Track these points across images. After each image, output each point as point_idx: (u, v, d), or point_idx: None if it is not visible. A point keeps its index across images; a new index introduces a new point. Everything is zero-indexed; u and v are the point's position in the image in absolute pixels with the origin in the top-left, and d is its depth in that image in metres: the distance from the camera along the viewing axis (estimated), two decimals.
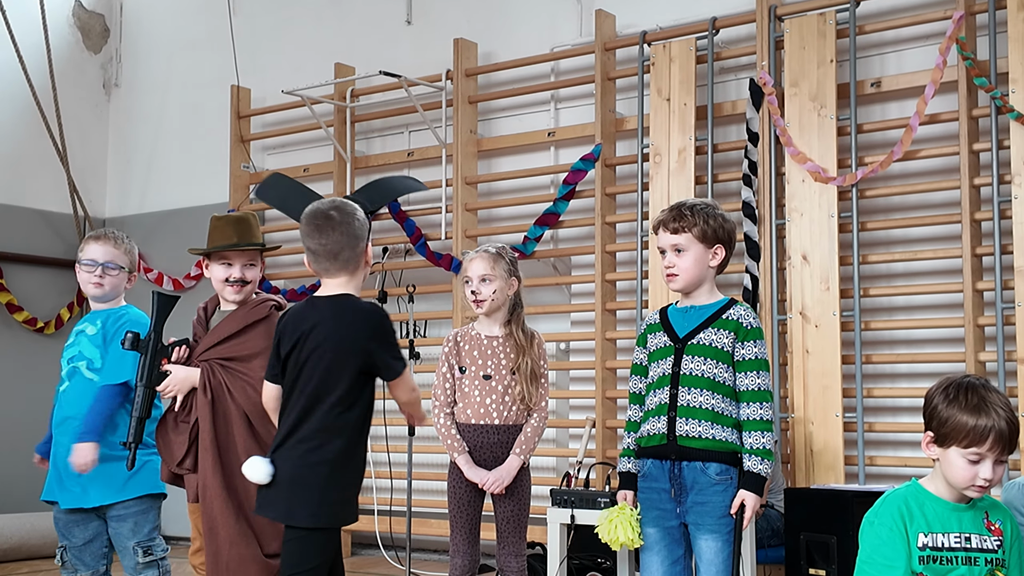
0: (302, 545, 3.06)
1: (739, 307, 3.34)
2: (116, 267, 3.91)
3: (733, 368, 3.29)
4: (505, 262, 3.99)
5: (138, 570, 3.78)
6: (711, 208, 3.36)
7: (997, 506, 2.67)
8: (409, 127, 7.23)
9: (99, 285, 3.90)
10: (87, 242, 3.98)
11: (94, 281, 3.90)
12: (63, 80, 8.15)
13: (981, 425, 2.51)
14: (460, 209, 6.71)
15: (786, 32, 5.73)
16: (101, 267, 3.89)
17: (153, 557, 3.80)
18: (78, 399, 3.82)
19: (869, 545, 2.61)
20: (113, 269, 3.90)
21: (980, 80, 5.20)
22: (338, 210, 3.17)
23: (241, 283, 3.77)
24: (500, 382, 3.93)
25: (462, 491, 3.95)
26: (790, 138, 5.62)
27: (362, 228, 3.19)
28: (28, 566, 6.86)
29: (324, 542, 3.10)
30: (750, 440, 3.24)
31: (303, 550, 3.05)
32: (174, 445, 3.67)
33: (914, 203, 5.60)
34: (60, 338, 8.11)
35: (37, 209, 8.21)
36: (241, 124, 7.77)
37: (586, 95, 6.54)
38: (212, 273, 3.80)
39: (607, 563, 5.08)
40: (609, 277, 6.26)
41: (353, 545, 7.15)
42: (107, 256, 3.91)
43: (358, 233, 3.18)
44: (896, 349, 5.56)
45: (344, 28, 7.59)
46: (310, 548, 3.06)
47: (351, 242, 3.16)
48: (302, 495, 3.07)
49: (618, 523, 3.32)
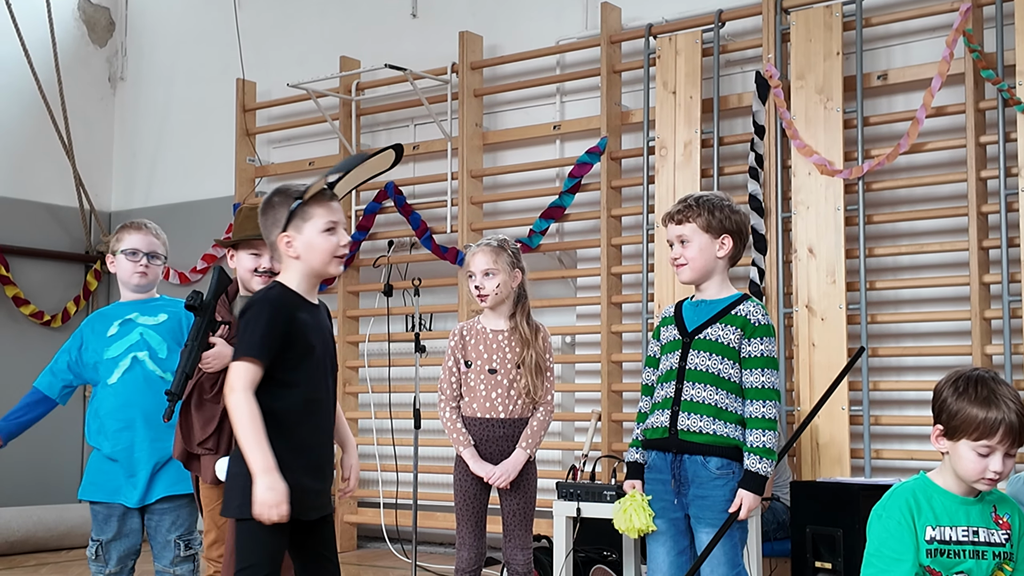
0: (240, 540, 2.93)
1: (749, 303, 3.32)
2: (159, 256, 3.92)
3: (740, 365, 3.28)
4: (508, 254, 3.97)
5: (175, 563, 3.80)
6: (718, 199, 3.35)
7: (1005, 500, 2.66)
8: (414, 120, 7.22)
9: (144, 275, 3.89)
10: (125, 231, 3.94)
11: (139, 271, 3.88)
12: (68, 74, 8.15)
13: (991, 418, 2.50)
14: (465, 202, 6.70)
15: (792, 24, 5.72)
16: (146, 256, 3.88)
17: (192, 551, 3.83)
18: (142, 392, 3.79)
19: (877, 538, 2.60)
20: (156, 259, 3.91)
21: (987, 72, 5.19)
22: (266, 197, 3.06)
23: (270, 274, 3.73)
24: (505, 376, 3.93)
25: (468, 484, 3.95)
26: (796, 131, 5.61)
27: (276, 214, 2.99)
28: (35, 559, 6.87)
29: (261, 536, 2.89)
30: (752, 438, 3.23)
31: (242, 545, 2.93)
32: (195, 423, 3.62)
33: (920, 196, 5.58)
34: (67, 331, 8.14)
35: (43, 203, 8.22)
36: (246, 117, 7.76)
37: (591, 88, 6.53)
38: (239, 263, 3.74)
39: (613, 556, 5.08)
40: (615, 270, 6.25)
41: (359, 538, 7.16)
42: (150, 246, 3.91)
43: (272, 220, 3.00)
44: (902, 342, 5.55)
45: (349, 21, 7.59)
46: (248, 543, 2.91)
47: (267, 231, 3.03)
48: (231, 487, 2.96)
49: (632, 510, 3.34)
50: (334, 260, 3.03)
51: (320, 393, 3.03)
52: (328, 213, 3.01)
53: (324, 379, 3.06)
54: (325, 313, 3.14)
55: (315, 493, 3.00)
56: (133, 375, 3.84)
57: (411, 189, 7.14)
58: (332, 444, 3.15)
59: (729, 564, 3.24)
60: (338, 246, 3.02)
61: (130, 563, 3.91)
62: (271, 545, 2.92)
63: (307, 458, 2.98)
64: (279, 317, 2.94)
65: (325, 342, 3.08)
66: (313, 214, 2.99)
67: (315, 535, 3.05)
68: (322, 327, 3.08)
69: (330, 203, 3.02)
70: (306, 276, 3.04)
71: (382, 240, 7.03)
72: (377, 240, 7.12)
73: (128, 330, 3.88)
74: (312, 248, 3.00)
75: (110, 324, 3.92)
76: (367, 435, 7.10)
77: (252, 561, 2.91)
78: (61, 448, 8.06)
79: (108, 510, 3.84)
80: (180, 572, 3.81)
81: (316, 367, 3.01)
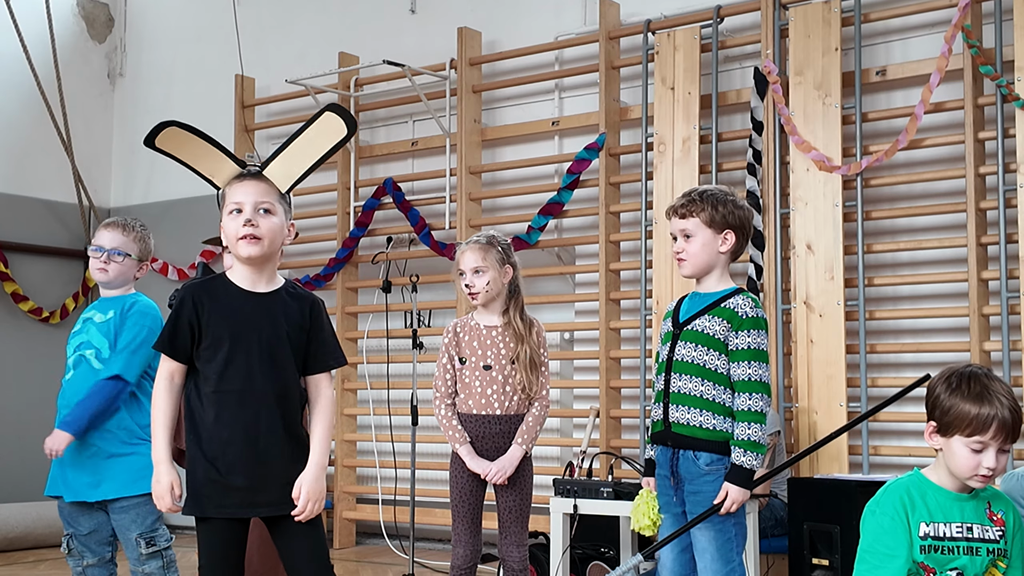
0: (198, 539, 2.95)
1: (740, 296, 3.32)
2: (123, 254, 3.90)
3: (728, 357, 3.27)
4: (497, 251, 3.96)
5: (141, 560, 3.79)
6: (722, 194, 3.35)
7: (999, 496, 2.66)
8: (413, 116, 7.22)
9: (103, 271, 3.90)
10: (98, 229, 3.99)
11: (99, 267, 3.90)
12: (68, 70, 8.15)
13: (984, 414, 2.50)
14: (464, 198, 6.70)
15: (791, 20, 5.71)
16: (107, 253, 3.88)
17: (156, 548, 3.79)
18: (82, 389, 3.81)
19: (870, 534, 2.60)
20: (119, 256, 3.89)
21: (986, 68, 5.18)
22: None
23: None
24: (500, 372, 3.93)
25: (464, 481, 3.95)
26: (795, 127, 5.60)
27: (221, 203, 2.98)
28: (34, 555, 6.88)
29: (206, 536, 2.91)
30: (738, 431, 3.23)
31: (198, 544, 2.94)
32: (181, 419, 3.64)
33: (919, 192, 5.58)
34: (65, 328, 8.14)
35: (42, 199, 8.21)
36: (245, 114, 7.76)
37: (590, 84, 6.53)
38: (227, 263, 3.81)
39: (610, 552, 5.08)
40: (613, 266, 6.25)
41: (358, 534, 7.17)
42: (114, 243, 3.90)
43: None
44: (901, 339, 5.55)
45: (348, 17, 7.58)
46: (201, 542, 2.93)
47: None
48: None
49: (641, 509, 3.37)
50: (239, 243, 2.90)
51: (235, 384, 2.89)
52: (232, 194, 2.94)
53: (246, 370, 2.89)
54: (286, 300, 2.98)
55: (226, 489, 2.88)
56: (79, 372, 3.85)
57: (410, 185, 7.14)
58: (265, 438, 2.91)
59: (723, 560, 3.24)
60: (239, 228, 2.89)
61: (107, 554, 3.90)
62: (210, 544, 2.90)
63: (214, 452, 2.88)
64: (185, 309, 2.90)
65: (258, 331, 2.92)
66: (225, 199, 2.95)
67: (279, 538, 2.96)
68: (256, 315, 2.93)
69: (239, 183, 2.94)
70: (238, 264, 2.98)
71: (381, 236, 7.03)
72: (376, 236, 7.12)
73: (84, 328, 3.91)
74: (224, 233, 2.95)
75: (79, 321, 3.96)
76: (365, 431, 7.10)
77: (201, 561, 2.92)
78: None
79: (64, 505, 3.85)
80: (148, 570, 3.78)
81: (229, 358, 2.89)
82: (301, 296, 3.04)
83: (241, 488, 2.89)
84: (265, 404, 2.92)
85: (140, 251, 3.94)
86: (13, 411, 7.78)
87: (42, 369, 8.02)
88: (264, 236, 2.92)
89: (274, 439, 2.93)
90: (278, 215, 2.97)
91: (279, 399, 2.94)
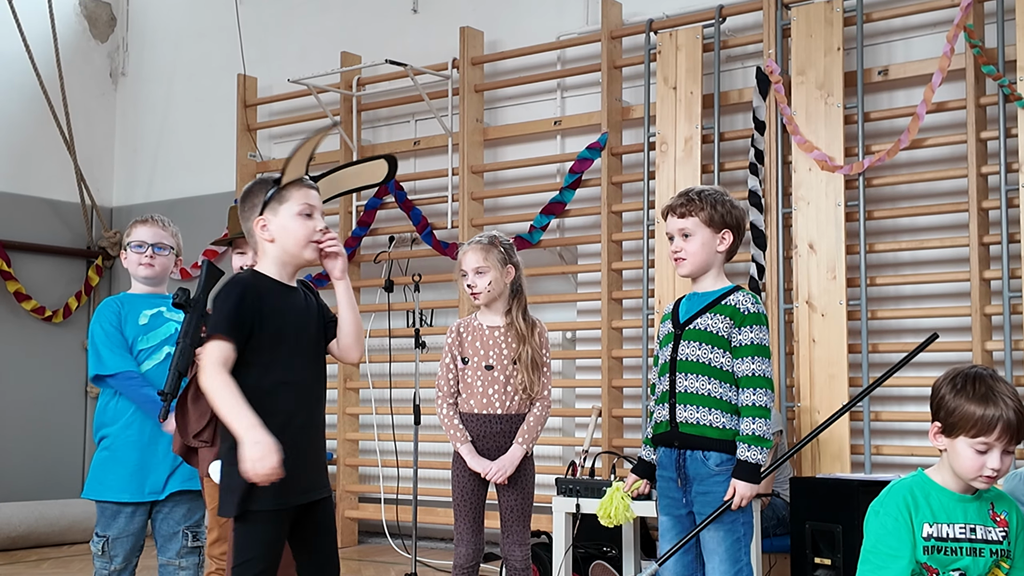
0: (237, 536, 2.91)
1: (739, 293, 3.33)
2: (165, 248, 3.93)
3: (731, 354, 3.28)
4: (498, 251, 3.97)
5: (181, 554, 3.82)
6: (719, 194, 3.37)
7: (1003, 497, 2.66)
8: (415, 116, 7.22)
9: (150, 266, 3.91)
10: (133, 226, 3.99)
11: (145, 262, 3.91)
12: (70, 69, 8.16)
13: (989, 415, 2.50)
14: (466, 198, 6.70)
15: (793, 20, 5.71)
16: (151, 248, 3.91)
17: (199, 543, 3.84)
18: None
19: (874, 534, 2.61)
20: (163, 250, 3.93)
21: (988, 68, 5.18)
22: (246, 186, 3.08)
23: None
24: (502, 372, 3.93)
25: (465, 480, 3.96)
26: (797, 126, 5.61)
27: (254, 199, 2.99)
28: (36, 554, 6.89)
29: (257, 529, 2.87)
30: (743, 426, 3.24)
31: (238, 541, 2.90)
32: (191, 416, 3.63)
33: (921, 192, 5.58)
34: (68, 327, 8.18)
35: (44, 198, 8.22)
36: (248, 113, 7.77)
37: (592, 83, 6.53)
38: (232, 262, 3.82)
39: (612, 552, 5.09)
40: (615, 266, 6.25)
41: (360, 533, 7.18)
42: (156, 238, 3.93)
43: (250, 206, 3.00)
44: (903, 338, 5.55)
45: (350, 17, 7.58)
46: (244, 537, 2.89)
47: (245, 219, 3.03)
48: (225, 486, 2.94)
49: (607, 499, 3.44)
50: (310, 245, 2.97)
51: (290, 376, 2.92)
52: (304, 197, 2.97)
53: (297, 361, 2.95)
54: (306, 294, 3.07)
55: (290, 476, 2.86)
56: (163, 368, 3.84)
57: (412, 185, 7.14)
58: (313, 427, 3.00)
59: (731, 560, 3.24)
60: (314, 231, 2.97)
61: (135, 559, 3.92)
62: (266, 536, 2.89)
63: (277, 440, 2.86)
64: (248, 298, 2.90)
65: (303, 325, 3.00)
66: (289, 197, 2.96)
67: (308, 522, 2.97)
68: (299, 310, 3.01)
69: (307, 189, 2.99)
70: (280, 261, 2.99)
71: (383, 236, 7.03)
72: (378, 236, 7.12)
73: (160, 322, 3.92)
74: (286, 231, 2.96)
75: (139, 312, 3.93)
76: (368, 431, 7.11)
77: (249, 555, 2.88)
78: (62, 443, 8.08)
79: (117, 506, 3.85)
80: (185, 564, 3.83)
81: (285, 350, 2.93)
82: (307, 285, 3.13)
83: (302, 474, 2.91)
84: (313, 393, 3.00)
85: (177, 245, 4.00)
86: (16, 410, 7.79)
87: (45, 368, 8.04)
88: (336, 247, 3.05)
89: (318, 427, 3.03)
90: None
91: (321, 387, 3.04)
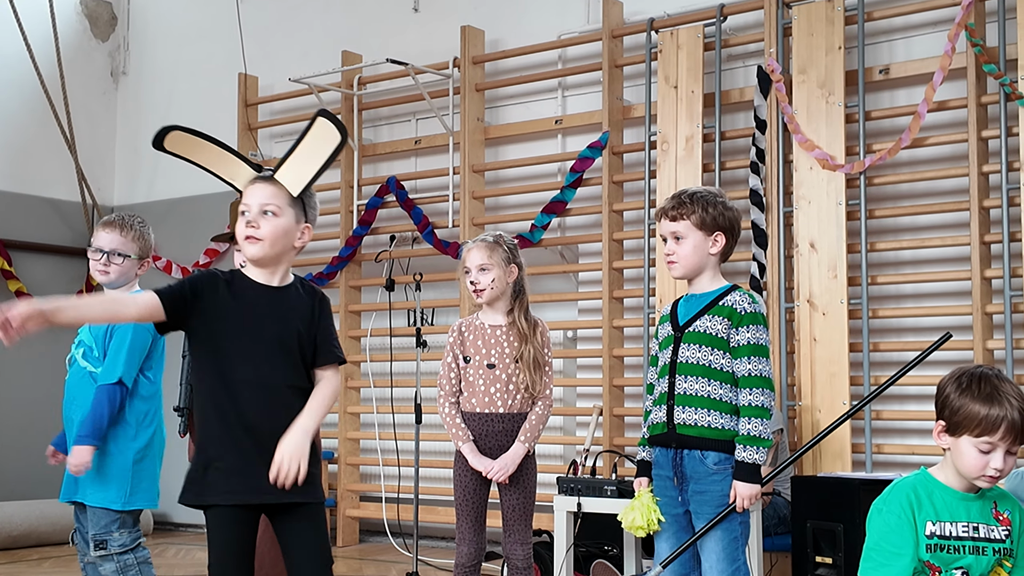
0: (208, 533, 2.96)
1: (737, 293, 3.33)
2: (122, 255, 3.87)
3: (730, 354, 3.28)
4: (503, 250, 3.98)
5: (97, 563, 3.81)
6: (711, 196, 3.37)
7: (1006, 496, 2.66)
8: (416, 115, 7.22)
9: (104, 273, 3.88)
10: (96, 228, 3.96)
11: (100, 269, 3.89)
12: (71, 68, 8.15)
13: (993, 414, 2.51)
14: (467, 197, 6.70)
15: (794, 19, 5.71)
16: (106, 255, 3.85)
17: (106, 552, 3.78)
18: (73, 390, 3.83)
19: (877, 532, 2.61)
20: (119, 257, 3.86)
21: (989, 67, 5.18)
22: None
23: None
24: (504, 371, 3.94)
25: (467, 479, 3.96)
26: (798, 125, 5.61)
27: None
28: (38, 552, 6.89)
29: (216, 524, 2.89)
30: (742, 427, 3.25)
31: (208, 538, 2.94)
32: None
33: (922, 191, 5.58)
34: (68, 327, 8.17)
35: (46, 197, 8.22)
36: (248, 112, 7.77)
37: (593, 83, 6.53)
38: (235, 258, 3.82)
39: (614, 551, 5.09)
40: (616, 265, 6.25)
41: (361, 532, 7.18)
42: (113, 244, 3.86)
43: None
44: (904, 337, 5.55)
45: (351, 16, 7.58)
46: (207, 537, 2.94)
47: None
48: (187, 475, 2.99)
49: (637, 510, 3.36)
50: (244, 243, 2.98)
51: (249, 374, 2.90)
52: (244, 197, 3.00)
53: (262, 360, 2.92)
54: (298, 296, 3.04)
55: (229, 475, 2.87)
56: (72, 372, 3.87)
57: (413, 184, 7.14)
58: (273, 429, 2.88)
59: (728, 559, 3.25)
60: (243, 228, 2.97)
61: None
62: (224, 533, 2.89)
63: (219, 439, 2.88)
64: (202, 280, 2.96)
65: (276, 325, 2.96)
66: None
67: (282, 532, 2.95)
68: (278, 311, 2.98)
69: (249, 186, 3.01)
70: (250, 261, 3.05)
71: (384, 235, 7.03)
72: (379, 235, 7.12)
73: (83, 329, 3.91)
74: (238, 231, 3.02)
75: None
76: (369, 430, 7.11)
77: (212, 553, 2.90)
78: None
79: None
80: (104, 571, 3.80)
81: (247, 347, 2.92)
82: (311, 291, 3.10)
83: (244, 475, 2.87)
84: (274, 394, 2.93)
85: (140, 249, 3.90)
86: (16, 409, 7.79)
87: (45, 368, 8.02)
88: (264, 237, 2.96)
89: (280, 429, 2.90)
90: (284, 217, 3.01)
91: (287, 389, 2.95)
